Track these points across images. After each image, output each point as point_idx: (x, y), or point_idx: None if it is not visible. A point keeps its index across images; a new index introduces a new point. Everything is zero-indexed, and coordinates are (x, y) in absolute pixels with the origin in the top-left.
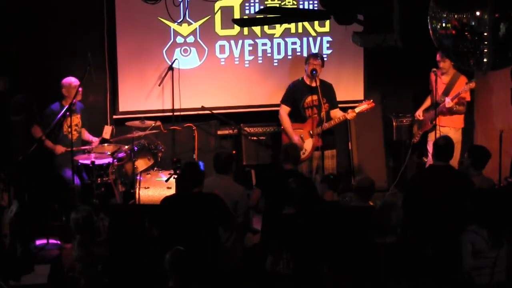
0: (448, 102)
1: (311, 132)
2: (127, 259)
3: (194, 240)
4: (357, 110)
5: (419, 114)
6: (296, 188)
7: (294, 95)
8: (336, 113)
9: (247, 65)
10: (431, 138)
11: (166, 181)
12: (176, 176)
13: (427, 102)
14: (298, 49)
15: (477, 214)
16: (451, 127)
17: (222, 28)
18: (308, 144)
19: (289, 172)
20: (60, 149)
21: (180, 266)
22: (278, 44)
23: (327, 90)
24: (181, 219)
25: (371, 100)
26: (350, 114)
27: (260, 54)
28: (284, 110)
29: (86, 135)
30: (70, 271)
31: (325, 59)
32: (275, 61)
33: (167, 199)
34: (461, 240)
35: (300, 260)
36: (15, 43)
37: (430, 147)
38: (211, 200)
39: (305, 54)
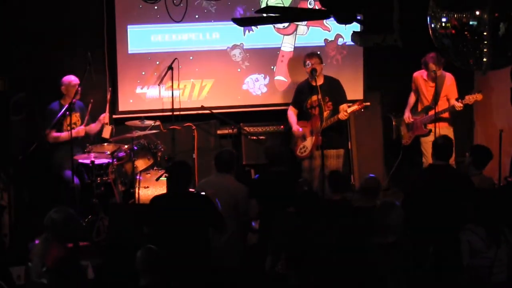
0: (459, 106)
1: (312, 130)
2: (126, 259)
3: (183, 239)
4: (348, 110)
5: (408, 116)
6: (303, 187)
7: (299, 97)
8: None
9: (247, 64)
10: (425, 141)
11: (157, 179)
12: (167, 175)
13: (411, 102)
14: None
15: (475, 213)
16: (443, 127)
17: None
18: (309, 142)
19: (275, 173)
20: (81, 131)
21: (152, 265)
22: (278, 43)
23: (332, 87)
24: (171, 219)
25: (361, 100)
26: (342, 114)
27: (260, 52)
28: (291, 110)
29: (93, 126)
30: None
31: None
32: (275, 59)
33: (157, 198)
34: (459, 239)
35: (299, 260)
36: (15, 43)
37: (424, 149)
38: (200, 201)
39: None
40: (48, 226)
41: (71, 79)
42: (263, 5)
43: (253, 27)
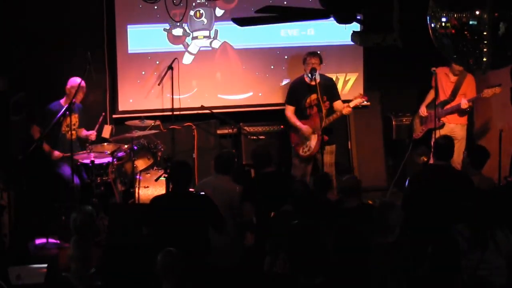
0: (464, 103)
1: (315, 129)
2: (126, 259)
3: (183, 239)
4: (351, 104)
5: (423, 110)
6: (298, 188)
7: (296, 94)
8: (338, 105)
9: (247, 63)
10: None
11: (157, 179)
12: (166, 175)
13: (429, 98)
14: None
15: (472, 213)
16: (457, 124)
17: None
18: (313, 141)
19: (268, 174)
20: (56, 154)
21: (173, 268)
22: (278, 42)
23: (327, 86)
24: (170, 218)
25: (362, 94)
26: (346, 109)
27: (260, 52)
28: (290, 110)
29: (84, 133)
30: (65, 270)
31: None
32: (275, 59)
33: (157, 198)
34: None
35: (297, 260)
36: (15, 43)
37: None
38: (201, 200)
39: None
40: (82, 229)
41: (79, 82)
42: None
43: (253, 27)
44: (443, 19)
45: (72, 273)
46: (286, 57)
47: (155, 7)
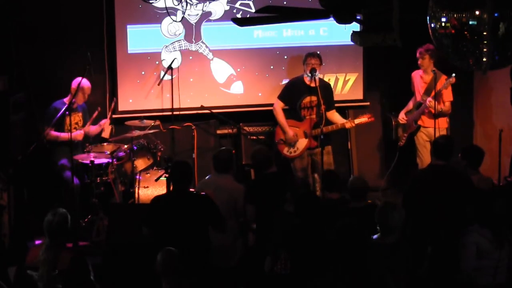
0: (430, 100)
1: (306, 132)
2: (126, 259)
3: (183, 239)
4: (356, 121)
5: (402, 117)
6: (298, 187)
7: (292, 93)
8: (333, 116)
9: (247, 64)
10: (419, 141)
11: (157, 180)
12: (167, 175)
13: (410, 105)
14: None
15: (478, 215)
16: (437, 128)
17: None
18: (302, 144)
19: (268, 175)
20: (79, 135)
21: (172, 267)
22: (278, 42)
23: (326, 91)
24: (171, 218)
25: (372, 115)
26: (349, 124)
27: (259, 52)
28: (279, 105)
29: (92, 128)
30: (33, 270)
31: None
32: (275, 59)
33: (157, 198)
34: (464, 241)
35: (298, 260)
36: (15, 42)
37: (418, 150)
38: (201, 200)
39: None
40: (56, 232)
41: (88, 84)
42: None
43: (253, 27)
44: (443, 19)
45: (38, 274)
46: (286, 57)
47: (155, 8)
